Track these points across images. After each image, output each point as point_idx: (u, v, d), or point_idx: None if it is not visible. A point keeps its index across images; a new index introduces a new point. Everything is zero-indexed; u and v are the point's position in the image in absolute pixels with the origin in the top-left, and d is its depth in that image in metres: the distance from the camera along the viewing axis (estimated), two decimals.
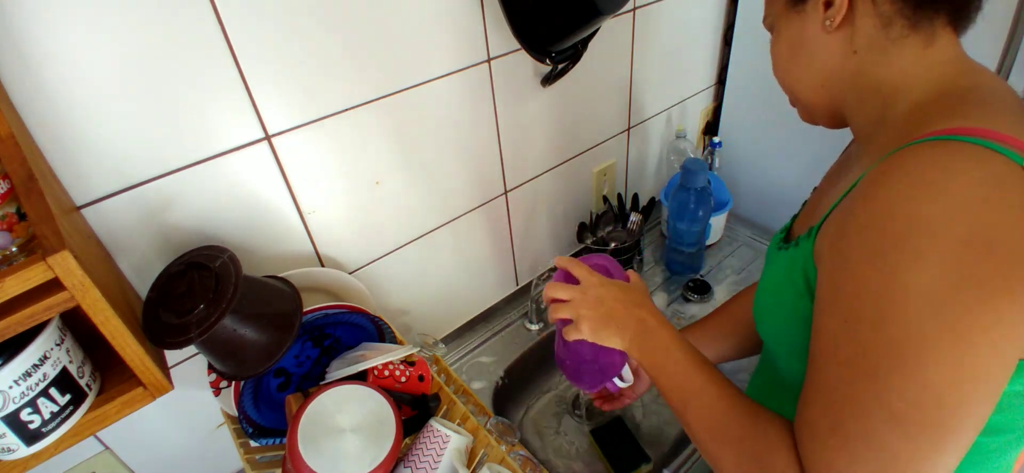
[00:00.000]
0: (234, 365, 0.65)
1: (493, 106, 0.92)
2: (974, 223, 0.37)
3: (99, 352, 0.57)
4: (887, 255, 0.39)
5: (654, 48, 1.13)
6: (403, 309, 0.99)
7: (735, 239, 1.30)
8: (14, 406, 0.49)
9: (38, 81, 0.54)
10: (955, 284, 0.37)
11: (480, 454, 0.69)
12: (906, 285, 0.38)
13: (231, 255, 0.64)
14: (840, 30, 0.51)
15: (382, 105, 0.78)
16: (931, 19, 0.48)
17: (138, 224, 0.65)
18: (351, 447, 0.59)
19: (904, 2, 0.48)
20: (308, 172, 0.76)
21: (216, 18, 0.61)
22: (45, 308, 0.46)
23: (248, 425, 0.70)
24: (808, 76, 0.56)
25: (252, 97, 0.67)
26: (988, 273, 0.37)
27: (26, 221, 0.48)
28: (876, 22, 0.49)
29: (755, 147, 1.28)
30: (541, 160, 1.06)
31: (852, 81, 0.53)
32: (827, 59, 0.53)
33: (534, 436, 1.03)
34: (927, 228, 0.38)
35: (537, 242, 1.17)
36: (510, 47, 0.89)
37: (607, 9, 0.80)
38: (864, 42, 0.50)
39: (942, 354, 0.38)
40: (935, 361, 0.38)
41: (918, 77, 0.49)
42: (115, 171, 0.61)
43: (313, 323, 0.77)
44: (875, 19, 0.49)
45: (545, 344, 1.11)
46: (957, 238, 0.37)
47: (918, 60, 0.49)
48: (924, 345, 0.38)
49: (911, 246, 0.38)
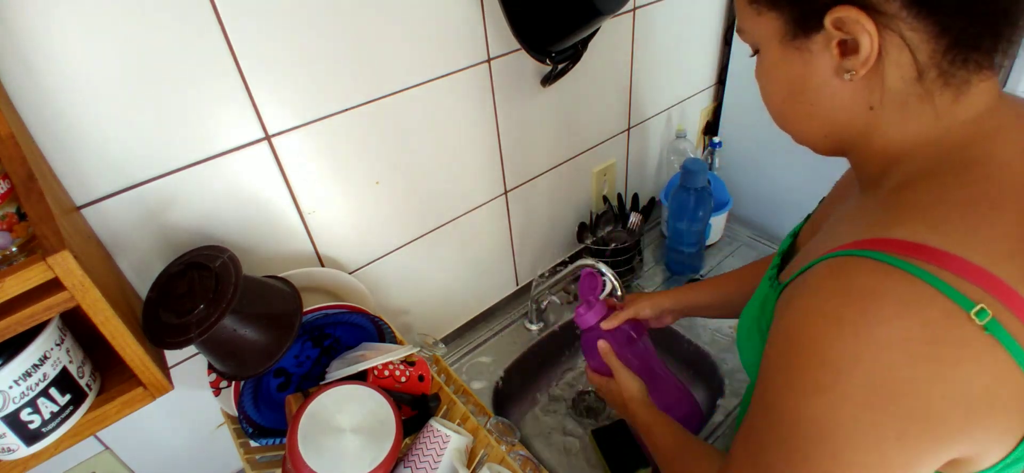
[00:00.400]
0: (234, 365, 0.65)
1: (493, 106, 0.92)
2: (883, 372, 0.36)
3: (99, 352, 0.57)
4: (793, 376, 0.41)
5: (654, 48, 1.13)
6: (403, 309, 0.99)
7: (735, 239, 1.30)
8: (14, 406, 0.49)
9: (38, 81, 0.54)
10: (845, 421, 0.38)
11: (480, 454, 0.69)
12: (802, 410, 0.40)
13: (231, 255, 0.64)
14: (861, 81, 0.41)
15: (382, 105, 0.78)
16: (970, 72, 0.40)
17: (138, 224, 0.65)
18: (351, 447, 0.59)
19: (945, 53, 0.39)
20: (308, 172, 0.76)
21: (216, 18, 0.61)
22: (45, 308, 0.46)
23: (248, 425, 0.70)
24: (811, 125, 0.47)
25: (252, 97, 0.67)
26: (882, 419, 0.37)
27: (26, 221, 0.48)
28: (907, 74, 0.40)
29: (755, 147, 1.28)
30: (541, 160, 1.06)
31: (860, 137, 0.45)
32: (836, 112, 0.44)
33: (534, 436, 1.03)
34: (833, 367, 0.38)
35: (537, 242, 1.17)
36: (510, 47, 0.89)
37: (607, 9, 0.80)
38: (887, 98, 0.41)
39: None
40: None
41: (930, 142, 0.42)
42: (115, 171, 0.61)
43: (313, 323, 0.77)
44: (907, 71, 0.40)
45: (545, 344, 1.11)
46: (859, 382, 0.37)
47: (938, 121, 0.41)
48: (808, 465, 0.40)
49: (814, 379, 0.39)
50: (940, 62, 0.39)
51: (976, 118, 0.41)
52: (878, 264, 0.38)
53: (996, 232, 0.37)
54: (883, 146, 0.44)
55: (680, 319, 1.11)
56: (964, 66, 0.40)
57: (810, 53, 0.42)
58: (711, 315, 0.89)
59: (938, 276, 0.36)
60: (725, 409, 0.96)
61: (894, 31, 0.39)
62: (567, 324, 1.14)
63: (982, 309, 0.35)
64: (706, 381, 1.06)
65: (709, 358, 1.04)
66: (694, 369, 1.08)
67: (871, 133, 0.44)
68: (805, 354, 0.40)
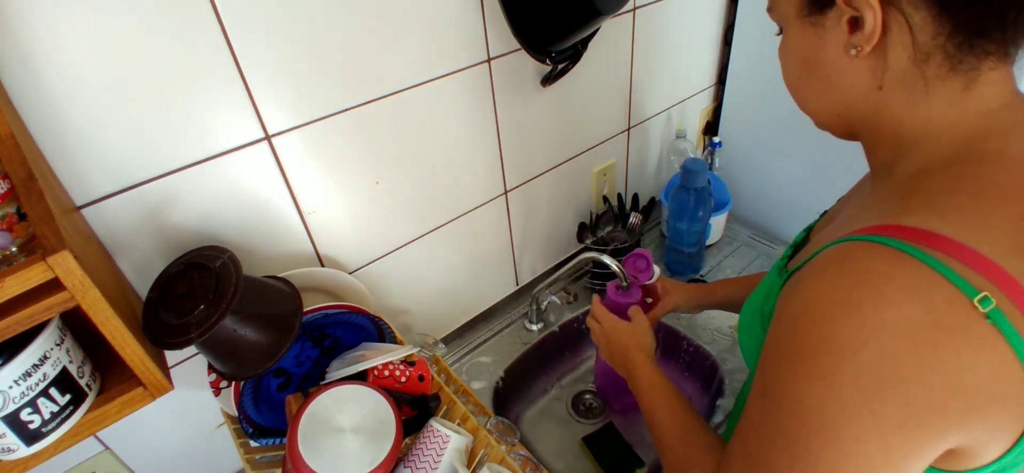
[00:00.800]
0: (234, 365, 0.65)
1: (493, 106, 0.92)
2: (888, 357, 0.36)
3: (99, 352, 0.57)
4: (796, 361, 0.41)
5: (654, 48, 1.13)
6: (403, 309, 0.99)
7: (735, 239, 1.30)
8: (14, 406, 0.49)
9: (38, 81, 0.54)
10: (848, 407, 0.38)
11: (480, 454, 0.69)
12: (804, 396, 0.40)
13: (231, 255, 0.64)
14: (867, 59, 0.43)
15: (382, 105, 0.78)
16: (979, 58, 0.40)
17: (138, 224, 0.65)
18: (351, 447, 0.59)
19: (949, 36, 0.39)
20: (308, 172, 0.76)
21: (216, 18, 0.61)
22: (45, 308, 0.46)
23: (248, 425, 0.70)
24: (823, 101, 0.49)
25: (252, 97, 0.67)
26: (884, 407, 0.37)
27: (26, 221, 0.48)
28: (912, 55, 0.41)
29: (755, 147, 1.28)
30: (541, 160, 1.06)
31: (871, 118, 0.46)
32: (847, 89, 0.46)
33: (534, 436, 1.03)
34: (838, 351, 0.38)
35: (537, 242, 1.17)
36: (510, 47, 0.89)
37: (607, 9, 0.80)
38: (893, 78, 0.42)
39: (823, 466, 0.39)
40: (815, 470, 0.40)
41: (943, 130, 0.42)
42: (115, 171, 0.61)
43: (313, 323, 0.77)
44: (911, 52, 0.41)
45: (545, 344, 1.11)
46: (863, 368, 0.37)
47: (949, 109, 0.42)
48: (808, 455, 0.40)
49: (817, 364, 0.39)
50: (945, 45, 0.40)
51: (989, 112, 0.41)
52: (887, 249, 0.38)
53: (1004, 226, 0.38)
54: (893, 129, 0.45)
55: (680, 319, 1.12)
56: (971, 52, 0.40)
57: (824, 28, 0.44)
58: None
59: (945, 263, 0.36)
60: (725, 409, 0.96)
61: (897, 9, 0.40)
62: (567, 324, 1.14)
63: (985, 297, 0.35)
64: (706, 381, 1.06)
65: (709, 358, 1.04)
66: (694, 369, 1.08)
67: (881, 114, 0.45)
68: (810, 337, 0.40)
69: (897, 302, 0.36)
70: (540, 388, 1.11)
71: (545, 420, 1.06)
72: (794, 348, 0.41)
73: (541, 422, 1.05)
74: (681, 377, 1.10)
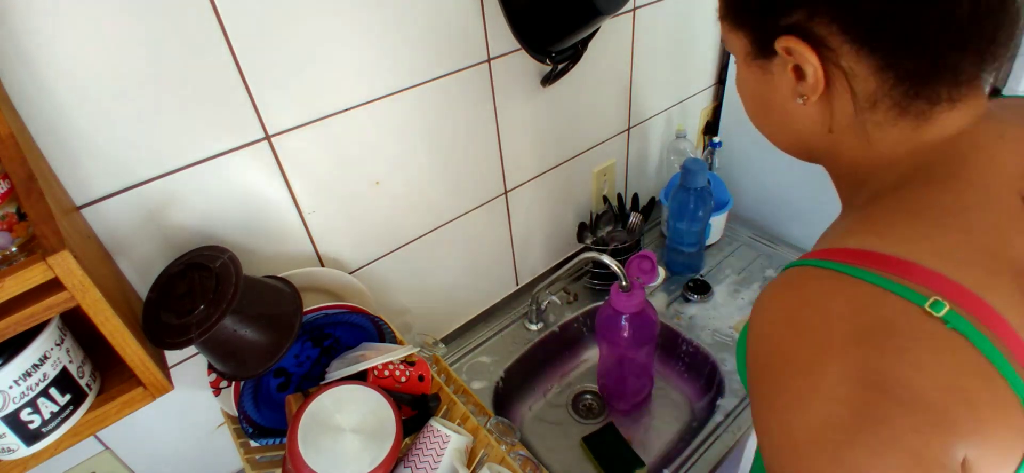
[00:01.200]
0: (234, 365, 0.65)
1: (493, 106, 0.92)
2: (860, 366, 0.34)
3: (99, 352, 0.57)
4: (772, 394, 0.39)
5: (654, 48, 1.13)
6: (403, 309, 0.99)
7: (735, 239, 1.30)
8: (14, 406, 0.49)
9: (38, 81, 0.54)
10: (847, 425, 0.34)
11: (480, 454, 0.69)
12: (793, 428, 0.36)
13: (231, 255, 0.64)
14: (816, 105, 0.43)
15: (382, 105, 0.78)
16: (930, 102, 0.40)
17: (138, 224, 0.65)
18: (351, 447, 0.59)
19: (894, 86, 0.39)
20: (308, 172, 0.76)
21: (216, 18, 0.61)
22: (45, 308, 0.46)
23: (248, 425, 0.70)
24: (781, 136, 0.49)
25: (252, 97, 0.67)
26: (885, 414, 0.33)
27: (26, 221, 0.48)
28: (856, 106, 0.41)
29: (755, 147, 1.28)
30: (541, 160, 1.06)
31: (829, 153, 0.47)
32: (801, 129, 0.46)
33: (534, 436, 1.03)
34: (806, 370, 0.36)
35: (537, 242, 1.17)
36: (510, 47, 0.89)
37: (607, 9, 0.80)
38: (841, 123, 0.43)
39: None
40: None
41: (897, 159, 0.42)
42: (115, 171, 0.61)
43: (313, 323, 0.77)
44: (855, 103, 0.41)
45: (545, 344, 1.11)
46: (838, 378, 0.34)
47: (901, 143, 0.42)
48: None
49: (791, 388, 0.37)
50: (891, 93, 0.39)
51: (946, 139, 0.41)
52: (825, 271, 0.39)
53: (948, 239, 0.37)
54: (851, 164, 0.45)
55: (680, 319, 1.12)
56: (917, 99, 0.39)
57: (772, 73, 0.44)
58: None
59: (884, 276, 0.36)
60: (725, 409, 0.96)
61: (836, 64, 0.40)
62: (567, 324, 1.14)
63: (936, 301, 0.34)
64: (706, 381, 1.06)
65: (709, 358, 1.04)
66: (694, 369, 1.08)
67: (836, 152, 0.46)
68: (773, 364, 0.39)
69: (848, 315, 0.36)
70: (540, 388, 1.11)
71: (545, 420, 1.06)
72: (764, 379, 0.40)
73: (541, 422, 1.05)
74: (681, 377, 1.10)
